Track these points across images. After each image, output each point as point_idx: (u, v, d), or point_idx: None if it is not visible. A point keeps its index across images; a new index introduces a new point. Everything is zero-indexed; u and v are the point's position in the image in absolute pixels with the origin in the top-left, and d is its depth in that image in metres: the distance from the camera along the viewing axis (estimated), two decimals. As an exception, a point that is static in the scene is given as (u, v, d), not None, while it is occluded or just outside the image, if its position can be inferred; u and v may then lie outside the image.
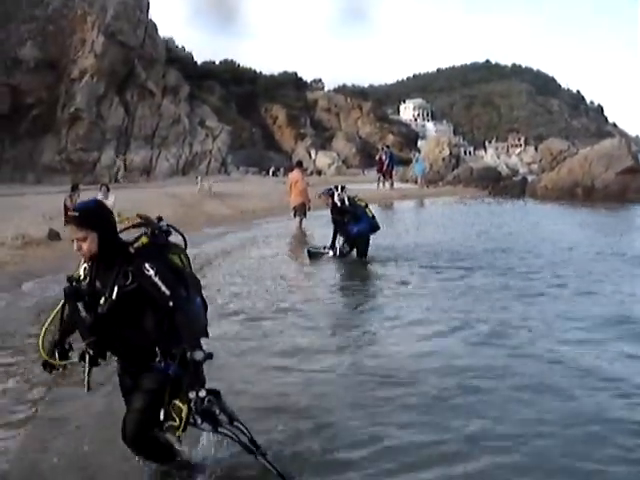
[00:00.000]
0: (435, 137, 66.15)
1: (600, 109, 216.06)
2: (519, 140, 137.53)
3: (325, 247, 15.16)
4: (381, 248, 15.73)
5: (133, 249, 4.45)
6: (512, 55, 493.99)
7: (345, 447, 5.40)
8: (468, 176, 42.25)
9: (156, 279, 4.34)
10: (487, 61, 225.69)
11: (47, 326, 4.56)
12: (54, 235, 17.93)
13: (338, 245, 14.86)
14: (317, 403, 6.34)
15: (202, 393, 4.20)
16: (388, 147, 43.25)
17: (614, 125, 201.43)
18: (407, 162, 55.26)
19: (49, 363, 4.66)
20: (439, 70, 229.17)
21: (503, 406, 6.17)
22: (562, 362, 7.39)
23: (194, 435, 4.81)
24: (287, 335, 8.93)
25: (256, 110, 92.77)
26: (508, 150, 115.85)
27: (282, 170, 65.19)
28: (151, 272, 4.34)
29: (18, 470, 5.20)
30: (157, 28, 58.48)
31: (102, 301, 4.36)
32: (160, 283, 4.33)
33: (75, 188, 22.54)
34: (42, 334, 4.59)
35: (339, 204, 14.43)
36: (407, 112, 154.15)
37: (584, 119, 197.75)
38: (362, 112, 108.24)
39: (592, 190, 31.24)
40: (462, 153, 67.23)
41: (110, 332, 4.46)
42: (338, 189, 14.64)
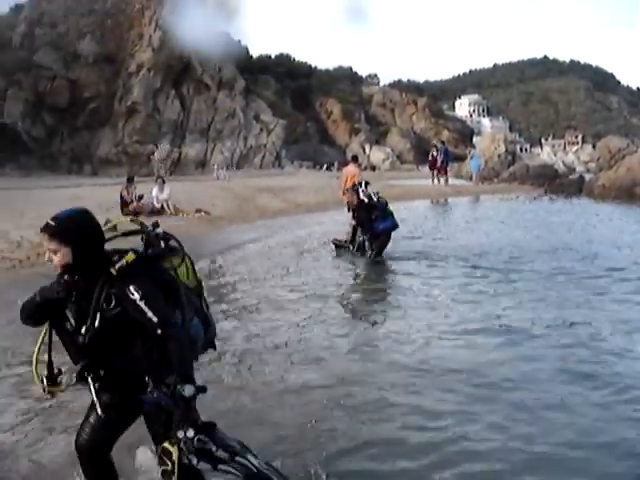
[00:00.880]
0: (491, 133, 65.51)
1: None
2: (576, 137, 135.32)
3: (346, 241, 14.89)
4: (431, 246, 15.54)
5: (116, 270, 3.81)
6: (570, 51, 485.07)
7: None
8: (524, 173, 41.68)
9: (142, 304, 3.79)
10: (545, 57, 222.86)
11: (37, 354, 4.06)
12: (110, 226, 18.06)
13: (359, 241, 14.37)
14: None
15: (190, 433, 3.74)
16: (443, 143, 42.84)
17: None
18: (462, 158, 54.84)
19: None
20: (495, 65, 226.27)
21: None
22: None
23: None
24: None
25: (311, 104, 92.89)
26: (565, 148, 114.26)
27: (336, 164, 65.17)
28: (136, 296, 3.79)
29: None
30: (215, 23, 58.79)
31: (83, 330, 3.86)
32: (146, 309, 3.80)
33: (131, 180, 22.75)
34: (34, 362, 4.08)
35: (366, 200, 13.79)
36: (463, 108, 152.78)
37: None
38: (417, 107, 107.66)
39: (652, 189, 30.47)
40: (518, 150, 66.50)
41: (99, 356, 4.02)
42: (362, 185, 14.07)
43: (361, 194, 13.82)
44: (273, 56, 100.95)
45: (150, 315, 3.77)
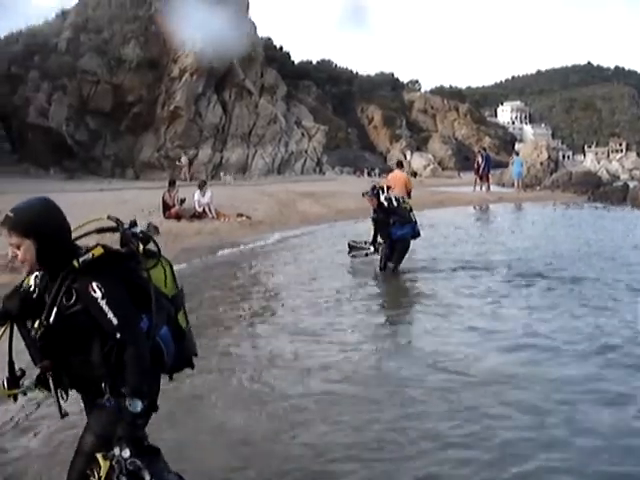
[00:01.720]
0: (533, 140, 64.99)
1: None
2: (620, 145, 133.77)
3: (366, 242, 14.48)
4: (472, 253, 15.41)
5: (79, 263, 3.56)
6: (615, 57, 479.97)
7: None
8: (566, 181, 41.21)
9: (102, 303, 3.50)
10: (588, 63, 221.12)
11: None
12: (153, 229, 18.16)
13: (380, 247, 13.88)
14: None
15: (126, 453, 3.38)
16: (485, 150, 42.61)
17: None
18: (504, 165, 54.47)
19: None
20: (538, 72, 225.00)
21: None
22: None
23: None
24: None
25: (352, 110, 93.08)
26: (609, 155, 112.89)
27: (377, 170, 65.19)
28: (98, 294, 3.51)
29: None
30: (256, 28, 59.10)
31: (36, 324, 3.59)
32: (107, 309, 3.50)
33: (173, 184, 22.88)
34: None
35: (386, 204, 13.27)
36: (505, 114, 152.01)
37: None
38: (459, 114, 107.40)
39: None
40: (560, 157, 65.90)
41: (58, 357, 3.69)
42: (384, 189, 13.63)
43: (381, 197, 13.38)
44: (315, 62, 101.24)
45: (110, 316, 3.50)
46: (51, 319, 3.56)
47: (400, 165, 21.30)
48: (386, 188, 13.77)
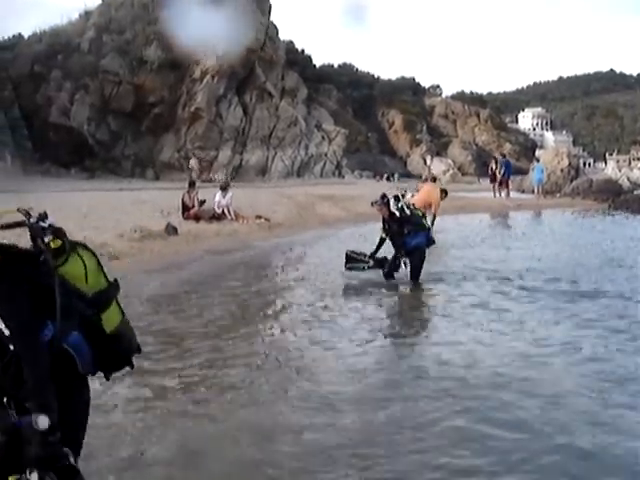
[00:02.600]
0: (554, 147, 64.66)
1: None
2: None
3: (366, 255, 13.31)
4: (491, 261, 15.31)
5: None
6: (638, 64, 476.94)
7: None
8: (587, 188, 40.93)
9: None
10: (611, 70, 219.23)
11: None
12: (172, 230, 18.20)
13: (394, 260, 12.90)
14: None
15: (34, 477, 2.89)
16: (504, 156, 42.28)
17: None
18: (524, 172, 54.20)
19: None
20: (560, 78, 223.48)
21: None
22: None
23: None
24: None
25: (373, 114, 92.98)
26: (630, 163, 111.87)
27: (396, 175, 65.10)
28: None
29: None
30: (278, 30, 59.10)
31: None
32: None
33: (192, 185, 22.91)
34: None
35: (398, 214, 12.52)
36: (526, 121, 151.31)
37: None
38: (479, 119, 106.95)
39: None
40: (581, 165, 65.49)
41: None
42: (397, 197, 12.83)
43: (392, 206, 12.62)
44: (336, 65, 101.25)
45: (2, 327, 3.03)
46: None
47: (434, 180, 21.30)
48: (400, 196, 13.27)
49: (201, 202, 22.21)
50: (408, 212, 12.66)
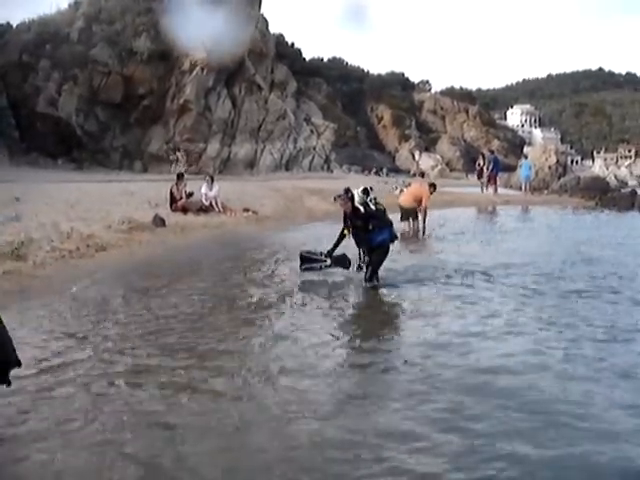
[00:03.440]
0: (542, 144, 64.83)
1: None
2: (630, 152, 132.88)
3: (322, 254, 12.62)
4: (476, 257, 15.26)
5: None
6: (627, 63, 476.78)
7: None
8: (574, 185, 40.98)
9: None
10: (600, 69, 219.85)
11: None
12: (159, 221, 18.16)
13: (359, 258, 12.20)
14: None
15: None
16: (492, 152, 42.36)
17: None
18: (512, 168, 54.37)
19: None
20: (549, 76, 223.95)
21: None
22: None
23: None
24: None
25: (362, 109, 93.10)
26: (617, 161, 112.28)
27: (385, 170, 65.24)
28: None
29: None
30: (268, 23, 59.03)
31: None
32: None
33: (181, 177, 22.84)
34: None
35: (362, 209, 11.80)
36: (514, 117, 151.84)
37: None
38: (468, 115, 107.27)
39: None
40: (569, 162, 65.76)
41: None
42: (359, 191, 11.85)
43: (356, 201, 11.90)
44: (326, 59, 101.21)
45: None
46: None
47: (422, 175, 21.35)
48: (362, 190, 12.55)
49: (189, 194, 22.17)
50: (373, 207, 11.95)
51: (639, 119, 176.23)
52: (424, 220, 19.82)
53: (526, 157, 43.27)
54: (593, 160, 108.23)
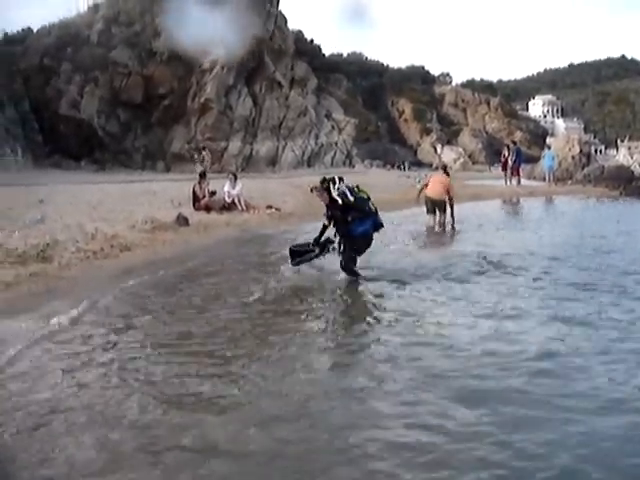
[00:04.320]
0: (565, 134, 64.36)
1: None
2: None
3: (310, 244, 12.22)
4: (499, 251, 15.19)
5: None
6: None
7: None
8: (598, 175, 40.67)
9: None
10: (622, 56, 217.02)
11: None
12: (182, 220, 18.20)
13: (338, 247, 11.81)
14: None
15: None
16: (515, 143, 42.09)
17: None
18: (535, 159, 54.03)
19: None
20: (571, 65, 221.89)
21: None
22: None
23: None
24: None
25: (382, 103, 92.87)
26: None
27: (407, 164, 65.09)
28: None
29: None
30: (287, 20, 59.01)
31: None
32: None
33: (203, 176, 22.88)
34: None
35: (340, 200, 11.38)
36: (536, 108, 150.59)
37: None
38: (490, 107, 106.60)
39: None
40: (593, 151, 65.14)
41: None
42: (336, 181, 11.37)
43: (333, 192, 11.49)
44: (345, 54, 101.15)
45: None
46: None
47: (444, 168, 21.13)
48: (338, 179, 11.96)
49: (212, 193, 22.22)
50: (351, 198, 11.45)
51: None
52: (452, 211, 19.47)
53: (549, 147, 42.96)
54: (617, 149, 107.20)
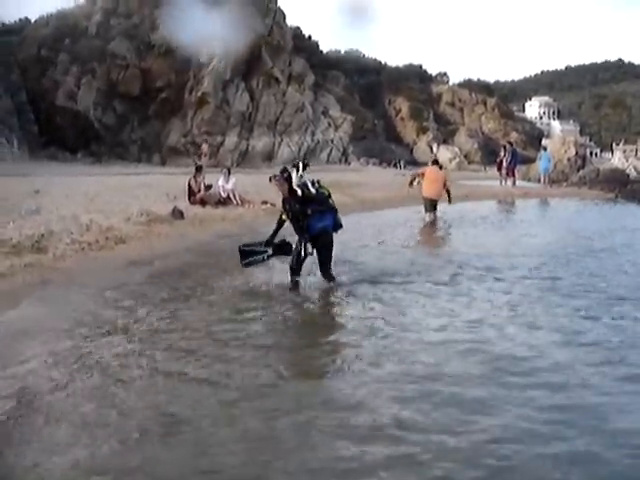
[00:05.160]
0: (561, 136, 64.47)
1: None
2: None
3: (261, 244, 11.24)
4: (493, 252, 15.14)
5: None
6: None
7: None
8: (594, 178, 40.68)
9: None
10: (620, 60, 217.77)
11: None
12: (178, 214, 18.20)
13: (299, 247, 10.69)
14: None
15: None
16: (511, 144, 42.06)
17: None
18: (531, 160, 54.10)
19: None
20: (568, 68, 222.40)
21: None
22: None
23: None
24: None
25: (379, 101, 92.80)
26: (637, 153, 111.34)
27: (403, 162, 65.12)
28: None
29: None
30: (285, 16, 59.01)
31: None
32: None
33: (199, 170, 22.87)
34: None
35: (300, 191, 10.52)
36: (533, 110, 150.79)
37: None
38: (486, 108, 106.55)
39: None
40: (588, 154, 65.28)
41: None
42: (299, 170, 10.09)
43: (294, 182, 10.85)
44: (343, 52, 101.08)
45: None
46: None
47: (435, 163, 21.25)
48: (302, 166, 10.49)
49: (207, 187, 22.20)
50: (313, 190, 10.66)
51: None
52: (449, 194, 20.20)
53: (545, 149, 42.95)
54: (612, 152, 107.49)
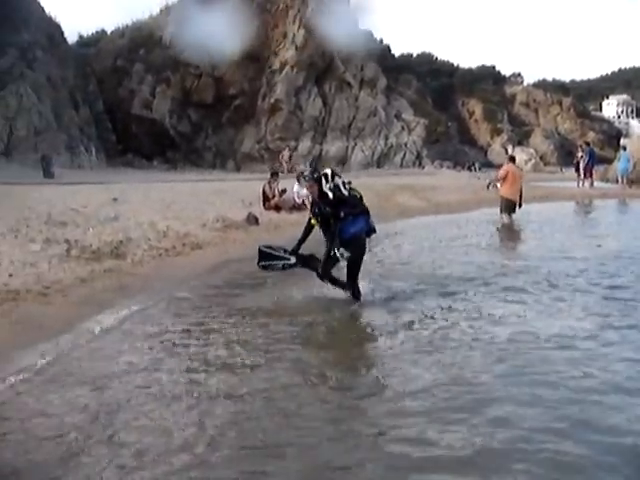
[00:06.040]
0: (640, 135, 62.89)
1: None
2: None
3: (286, 251, 10.52)
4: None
5: None
6: None
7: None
8: (676, 178, 39.68)
9: None
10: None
11: None
12: (253, 219, 18.28)
13: (327, 256, 9.84)
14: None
15: None
16: (588, 144, 41.32)
17: None
18: (608, 161, 52.99)
19: None
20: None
21: None
22: None
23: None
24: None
25: (452, 104, 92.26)
26: None
27: (477, 165, 64.55)
28: None
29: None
30: (357, 21, 59.02)
31: None
32: None
33: (274, 175, 22.96)
34: None
35: (331, 195, 9.75)
36: (610, 108, 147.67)
37: None
38: (562, 108, 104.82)
39: None
40: (670, 154, 63.63)
41: None
42: (328, 181, 9.58)
43: (324, 185, 9.87)
44: (415, 55, 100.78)
45: None
46: None
47: (512, 160, 21.19)
48: (331, 173, 10.28)
49: (281, 192, 22.26)
50: (345, 192, 9.97)
51: None
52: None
53: (624, 149, 41.99)
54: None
